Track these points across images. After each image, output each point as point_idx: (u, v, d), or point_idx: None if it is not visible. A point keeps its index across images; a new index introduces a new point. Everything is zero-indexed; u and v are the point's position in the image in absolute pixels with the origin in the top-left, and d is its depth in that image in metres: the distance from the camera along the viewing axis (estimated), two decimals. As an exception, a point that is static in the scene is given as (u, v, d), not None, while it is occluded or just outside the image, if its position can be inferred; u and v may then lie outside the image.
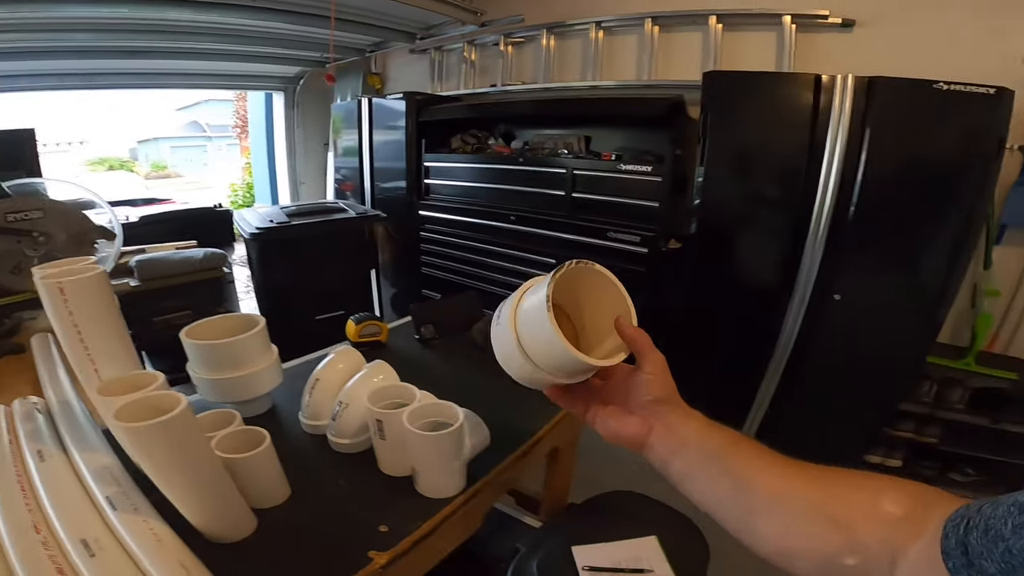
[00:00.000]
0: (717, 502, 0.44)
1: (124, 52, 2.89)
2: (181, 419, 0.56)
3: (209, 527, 0.66)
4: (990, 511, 0.31)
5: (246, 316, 0.96)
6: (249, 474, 0.71)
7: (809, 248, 1.84)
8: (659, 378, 0.48)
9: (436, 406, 0.73)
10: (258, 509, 0.72)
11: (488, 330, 1.25)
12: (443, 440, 0.67)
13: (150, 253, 2.41)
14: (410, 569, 0.69)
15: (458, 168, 2.91)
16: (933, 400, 1.99)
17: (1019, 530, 0.28)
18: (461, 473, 0.74)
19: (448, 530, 0.73)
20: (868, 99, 1.64)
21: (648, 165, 2.14)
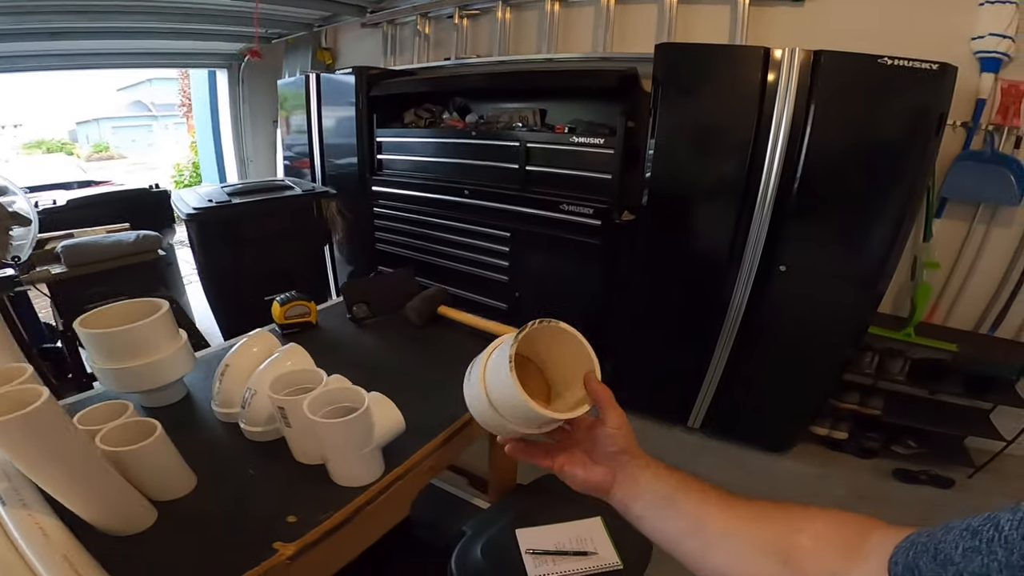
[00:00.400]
0: (674, 540, 0.47)
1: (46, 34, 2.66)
2: (42, 412, 0.53)
3: (99, 521, 0.63)
4: (940, 535, 0.31)
5: (150, 301, 0.88)
6: (141, 467, 0.66)
7: (756, 220, 1.85)
8: (622, 431, 0.51)
9: (342, 391, 0.67)
10: (162, 501, 0.68)
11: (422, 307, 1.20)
12: (347, 427, 0.62)
13: (78, 238, 2.25)
14: (324, 561, 0.64)
15: (411, 143, 2.84)
16: (875, 371, 2.05)
17: (970, 554, 0.28)
18: (375, 460, 0.69)
19: (366, 520, 0.68)
20: (814, 73, 1.64)
21: (600, 137, 2.11)
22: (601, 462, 0.52)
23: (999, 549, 0.26)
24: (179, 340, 0.89)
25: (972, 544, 0.28)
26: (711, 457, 2.19)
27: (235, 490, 0.70)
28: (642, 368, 2.34)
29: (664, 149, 1.92)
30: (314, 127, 3.16)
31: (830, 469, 2.09)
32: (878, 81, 1.57)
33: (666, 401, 2.35)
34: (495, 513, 1.11)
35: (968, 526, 0.29)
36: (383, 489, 0.69)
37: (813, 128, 1.67)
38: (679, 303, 2.14)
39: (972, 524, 0.29)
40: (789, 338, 1.96)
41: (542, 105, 2.54)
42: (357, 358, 1.06)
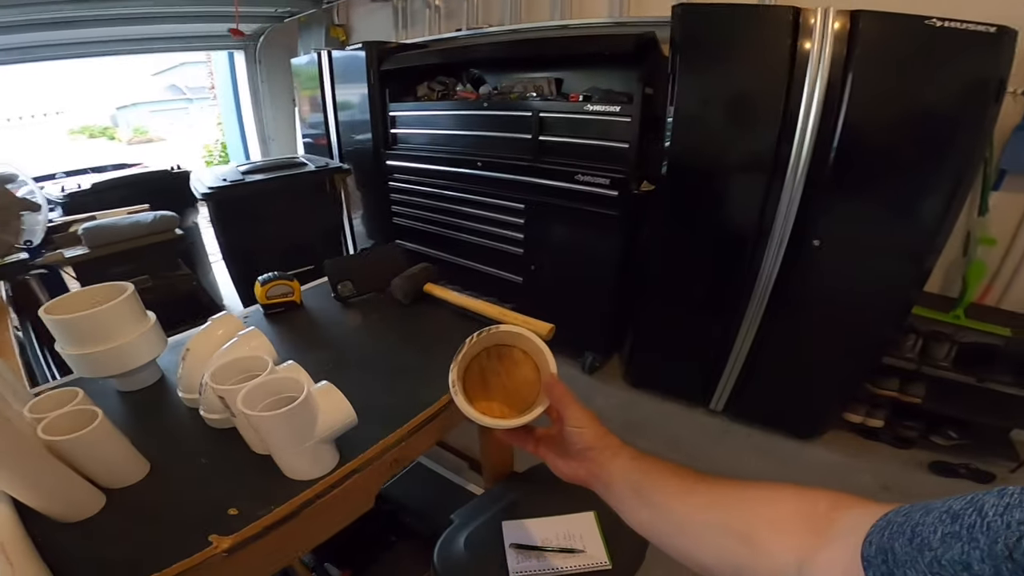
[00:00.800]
0: (647, 528, 0.48)
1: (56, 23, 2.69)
2: None
3: (41, 507, 0.61)
4: (919, 516, 0.28)
5: (116, 285, 0.85)
6: (83, 455, 0.64)
7: (787, 192, 1.70)
8: (586, 429, 0.51)
9: (284, 381, 0.62)
10: (113, 488, 0.66)
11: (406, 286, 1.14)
12: (283, 420, 0.57)
13: (99, 220, 2.31)
14: (267, 555, 0.60)
15: (423, 116, 2.78)
16: (918, 356, 1.88)
17: (949, 540, 0.25)
18: (325, 453, 0.64)
19: (317, 515, 0.63)
20: (852, 36, 1.47)
21: (616, 105, 1.98)
22: (575, 457, 0.52)
23: (981, 536, 0.24)
24: (146, 323, 0.86)
25: (952, 529, 0.26)
26: (733, 442, 2.08)
27: (184, 478, 0.67)
28: (662, 345, 2.25)
29: (684, 117, 1.77)
30: (329, 104, 3.15)
31: (861, 459, 1.96)
32: (926, 45, 1.39)
33: (687, 381, 2.24)
34: (485, 502, 1.06)
35: (949, 508, 0.27)
36: (335, 483, 0.65)
37: (851, 96, 1.50)
38: (702, 278, 2.01)
39: (953, 507, 0.27)
40: (823, 317, 1.81)
41: (558, 74, 2.42)
42: (333, 339, 1.02)
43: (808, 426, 2.07)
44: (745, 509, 0.42)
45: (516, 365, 0.55)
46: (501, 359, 0.55)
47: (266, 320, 1.10)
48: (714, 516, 0.43)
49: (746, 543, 0.40)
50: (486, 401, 0.54)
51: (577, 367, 2.56)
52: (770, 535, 0.39)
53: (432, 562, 0.91)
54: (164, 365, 0.93)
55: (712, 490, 0.45)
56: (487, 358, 0.55)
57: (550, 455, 0.54)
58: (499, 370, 0.55)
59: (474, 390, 0.54)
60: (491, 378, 0.55)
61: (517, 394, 0.54)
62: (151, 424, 0.80)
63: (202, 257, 3.17)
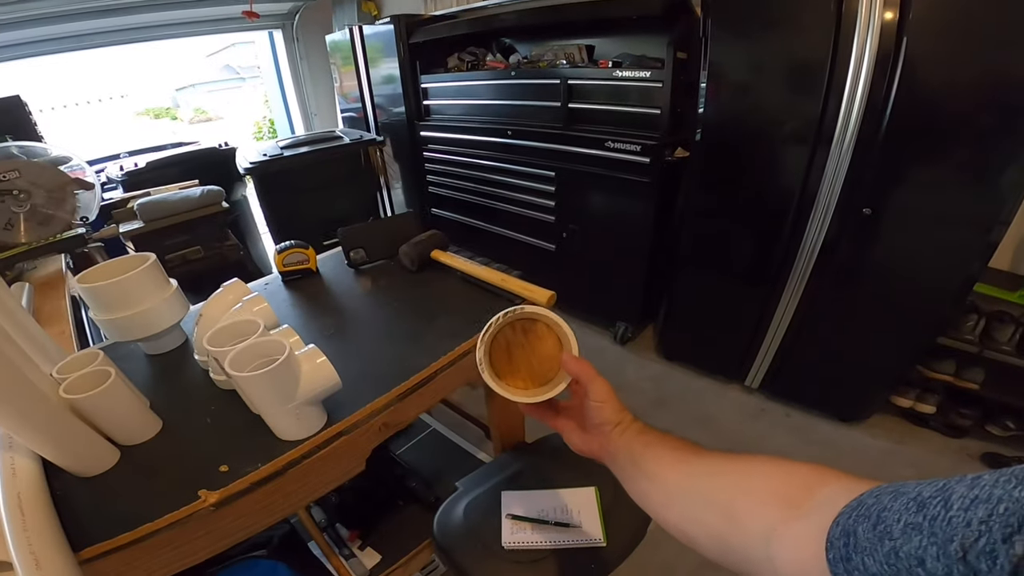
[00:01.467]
0: (643, 500, 0.48)
1: (104, 11, 2.82)
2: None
3: (61, 462, 0.66)
4: (888, 501, 0.27)
5: (142, 256, 0.91)
6: (99, 413, 0.69)
7: (833, 159, 1.57)
8: (605, 404, 0.52)
9: (269, 344, 0.65)
10: (128, 445, 0.71)
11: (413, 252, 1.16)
12: (263, 380, 0.60)
13: (153, 196, 2.46)
14: (254, 511, 0.64)
15: (453, 87, 2.78)
16: (979, 338, 1.72)
17: (910, 531, 0.24)
18: (311, 415, 0.67)
19: (304, 474, 0.66)
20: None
21: (647, 71, 1.88)
22: (590, 431, 0.54)
23: (939, 531, 0.22)
24: (168, 290, 0.92)
25: (915, 520, 0.24)
26: (768, 421, 2.01)
27: (189, 437, 0.71)
28: (696, 317, 2.18)
29: (718, 81, 1.66)
30: (363, 78, 3.21)
31: (906, 445, 1.84)
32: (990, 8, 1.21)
33: (722, 355, 2.17)
34: (491, 471, 1.08)
35: (918, 495, 0.25)
36: (321, 444, 0.67)
37: (907, 56, 1.35)
38: (739, 247, 1.92)
39: (923, 493, 0.25)
40: (872, 292, 1.68)
41: (589, 41, 2.33)
42: (340, 305, 1.05)
43: (852, 408, 1.96)
44: (729, 480, 0.41)
45: (540, 339, 0.58)
46: (526, 333, 0.58)
47: (284, 287, 1.15)
48: (701, 485, 0.43)
49: (726, 515, 0.39)
50: (511, 374, 0.58)
51: (609, 337, 2.53)
52: (747, 506, 0.38)
53: (432, 528, 0.93)
54: (189, 330, 1.00)
55: (703, 461, 0.45)
56: (512, 331, 0.58)
57: (567, 427, 0.57)
58: (523, 343, 0.58)
59: (500, 363, 0.58)
60: (516, 351, 0.58)
61: (540, 367, 0.58)
62: (170, 385, 0.86)
63: (251, 228, 3.34)
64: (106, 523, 0.58)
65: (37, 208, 1.72)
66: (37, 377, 0.69)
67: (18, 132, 2.14)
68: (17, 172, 1.66)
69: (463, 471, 1.12)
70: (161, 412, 0.75)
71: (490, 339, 0.56)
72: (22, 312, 0.87)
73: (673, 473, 0.46)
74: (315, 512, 1.27)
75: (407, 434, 1.51)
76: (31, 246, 1.71)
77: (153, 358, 0.95)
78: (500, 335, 0.58)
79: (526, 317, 0.57)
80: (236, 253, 2.55)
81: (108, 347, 0.96)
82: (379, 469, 1.30)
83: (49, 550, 0.52)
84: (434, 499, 1.21)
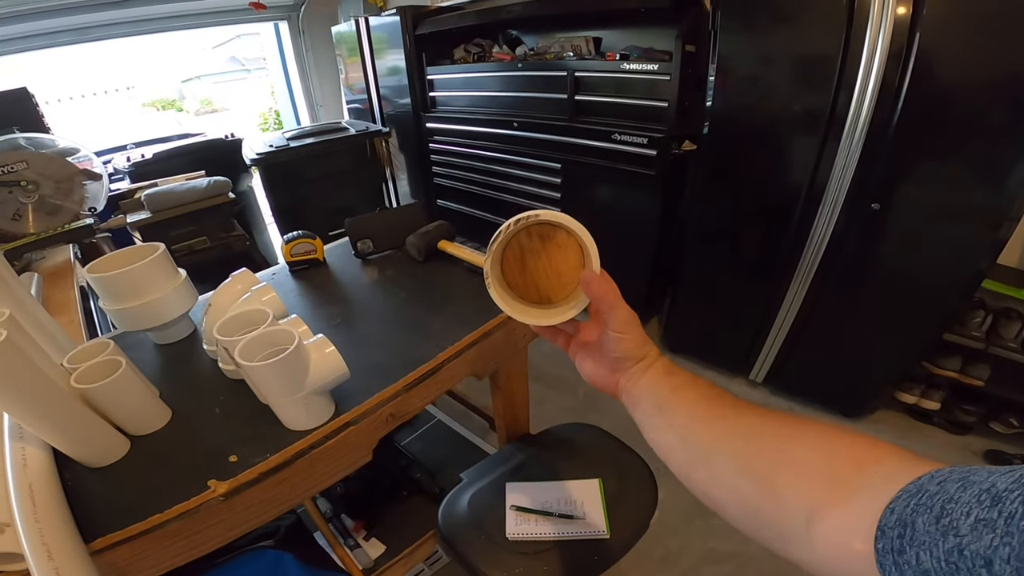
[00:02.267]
0: (666, 451, 0.44)
1: (110, 3, 2.84)
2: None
3: (72, 452, 0.67)
4: (955, 490, 0.23)
5: (151, 245, 0.91)
6: (108, 402, 0.69)
7: (843, 153, 1.55)
8: (626, 336, 0.46)
9: (279, 333, 0.65)
10: (138, 435, 0.72)
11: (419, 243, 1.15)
12: (272, 370, 0.60)
13: (160, 187, 2.47)
14: (263, 501, 0.64)
15: (459, 79, 2.78)
16: (986, 334, 1.71)
17: (980, 528, 0.21)
18: (319, 405, 0.67)
19: (312, 464, 0.67)
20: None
21: (655, 63, 1.87)
22: (607, 363, 0.48)
23: (1016, 531, 0.19)
24: (176, 280, 0.92)
25: (988, 516, 0.21)
26: (771, 418, 2.01)
27: (198, 426, 0.72)
28: (701, 310, 2.18)
29: (727, 74, 1.65)
30: (369, 69, 3.21)
31: (909, 441, 1.84)
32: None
33: (727, 349, 2.17)
34: (495, 462, 1.09)
35: (992, 487, 0.22)
36: (329, 434, 0.68)
37: (919, 50, 1.33)
38: (745, 241, 1.91)
39: (998, 486, 0.22)
40: (879, 287, 1.67)
41: (596, 33, 2.33)
42: (347, 295, 1.05)
43: (855, 403, 1.96)
44: (770, 445, 0.36)
45: (560, 248, 0.49)
46: (543, 240, 0.49)
47: (292, 276, 1.15)
48: (737, 447, 0.38)
49: (763, 485, 0.35)
50: (523, 287, 0.50)
51: (614, 329, 2.54)
52: (788, 479, 0.34)
53: (437, 518, 0.94)
54: (198, 320, 1.00)
55: (741, 417, 0.40)
56: (527, 237, 0.49)
57: (581, 354, 0.51)
58: (539, 251, 0.49)
59: (511, 273, 0.50)
60: (530, 259, 0.50)
61: (559, 279, 0.50)
62: (179, 375, 0.87)
63: (257, 219, 3.35)
64: (116, 513, 0.59)
65: (45, 199, 1.73)
66: (48, 367, 0.69)
67: (25, 124, 2.15)
68: (25, 163, 1.67)
69: (468, 462, 1.13)
70: (170, 401, 0.76)
71: (501, 247, 0.48)
72: (33, 302, 0.88)
73: (706, 429, 0.40)
74: (321, 503, 1.28)
75: (412, 425, 1.52)
76: (39, 236, 1.72)
77: (162, 347, 0.95)
78: (514, 240, 0.49)
79: (544, 222, 0.47)
80: (242, 243, 2.57)
81: (117, 336, 0.97)
82: (384, 460, 1.31)
83: (60, 541, 0.53)
84: (438, 490, 1.22)
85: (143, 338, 0.96)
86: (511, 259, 0.50)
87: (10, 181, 1.64)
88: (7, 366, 0.57)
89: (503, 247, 0.49)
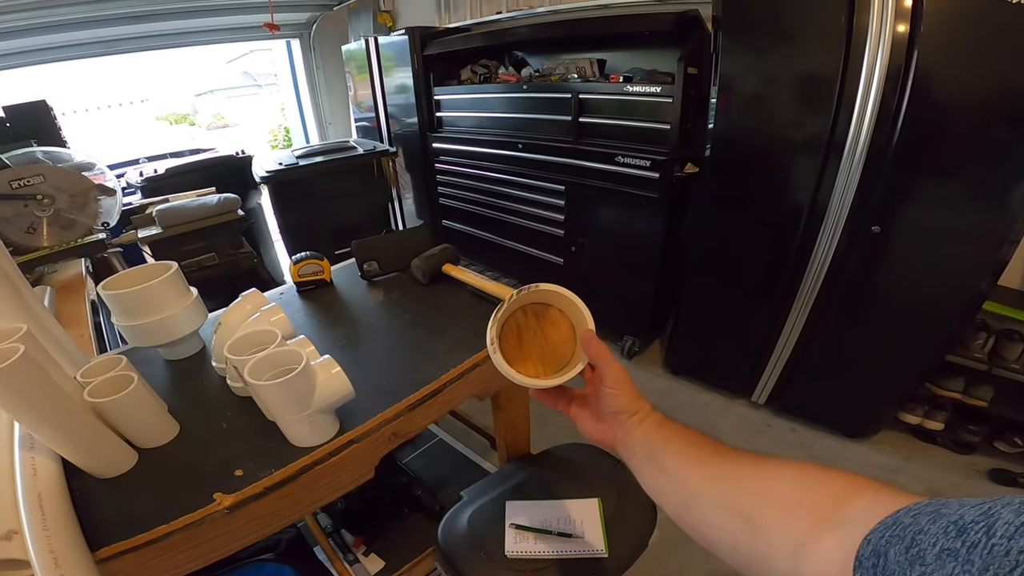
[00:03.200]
0: (662, 497, 0.47)
1: (129, 18, 2.91)
2: (15, 368, 0.57)
3: (81, 463, 0.68)
4: (926, 522, 0.25)
5: (164, 264, 0.94)
6: (119, 416, 0.71)
7: (843, 176, 1.57)
8: (620, 391, 0.51)
9: (287, 353, 0.67)
10: (146, 448, 0.74)
11: (424, 266, 1.18)
12: (280, 389, 0.62)
13: (172, 203, 2.52)
14: (267, 515, 0.66)
15: (465, 100, 2.83)
16: (988, 356, 1.71)
17: (944, 558, 0.22)
18: (324, 423, 0.69)
19: (315, 480, 0.69)
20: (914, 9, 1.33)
21: (658, 86, 1.91)
22: (605, 420, 0.52)
23: (977, 560, 0.21)
24: (188, 298, 0.95)
25: (952, 546, 0.22)
26: (773, 437, 2.01)
27: (205, 441, 0.73)
28: (704, 332, 2.18)
29: (728, 97, 1.69)
30: (377, 89, 3.27)
31: (913, 462, 1.83)
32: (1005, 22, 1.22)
33: (729, 371, 2.17)
34: (495, 481, 1.10)
35: (960, 519, 0.23)
36: (333, 451, 0.70)
37: (917, 73, 1.36)
38: (748, 263, 1.93)
39: (965, 517, 0.23)
40: (881, 309, 1.68)
41: (600, 55, 2.37)
42: (353, 316, 1.08)
43: (858, 425, 1.96)
44: (754, 486, 0.39)
45: (553, 324, 0.55)
46: (538, 317, 0.56)
47: (299, 297, 1.18)
48: (723, 489, 0.41)
49: (749, 523, 0.37)
50: (521, 360, 0.54)
51: (616, 351, 2.54)
52: (773, 516, 0.36)
53: (436, 536, 0.95)
54: (207, 337, 1.03)
55: (727, 462, 0.43)
56: (523, 316, 0.55)
57: (581, 415, 0.55)
58: (535, 328, 0.55)
59: (510, 349, 0.54)
60: (527, 336, 0.55)
61: (553, 354, 0.55)
62: (188, 390, 0.89)
63: (265, 236, 3.39)
64: (123, 523, 0.60)
65: (60, 213, 1.77)
66: (62, 380, 0.72)
67: (43, 136, 2.18)
68: (42, 177, 1.70)
69: (469, 481, 1.13)
70: (179, 416, 0.78)
71: (501, 322, 0.53)
72: (47, 316, 0.90)
73: (694, 473, 0.43)
74: (321, 518, 1.29)
75: (414, 443, 1.53)
76: (53, 250, 1.75)
77: (172, 363, 0.97)
78: (511, 320, 0.54)
79: (538, 301, 0.55)
80: (250, 260, 2.59)
81: (128, 351, 0.99)
82: (385, 477, 1.32)
83: (67, 549, 0.54)
84: (439, 507, 1.23)
85: (153, 354, 0.98)
86: (509, 336, 0.54)
87: (27, 194, 1.67)
88: (24, 380, 0.59)
89: (503, 322, 0.53)
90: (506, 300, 0.52)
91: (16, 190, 1.65)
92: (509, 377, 0.51)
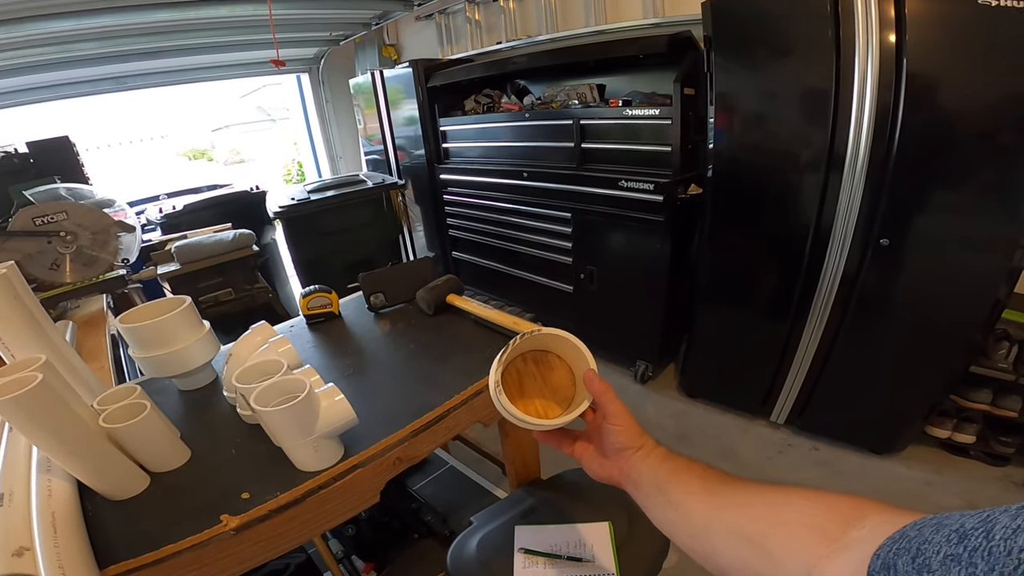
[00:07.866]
0: (670, 529, 0.47)
1: (142, 54, 3.03)
2: (33, 395, 0.60)
3: (96, 485, 0.71)
4: (929, 533, 0.26)
5: (178, 299, 0.97)
6: (133, 441, 0.73)
7: (846, 190, 1.57)
8: (623, 428, 0.52)
9: (292, 382, 0.69)
10: (158, 472, 0.76)
11: (429, 297, 1.20)
12: (284, 415, 0.64)
13: (189, 239, 2.59)
14: (272, 537, 0.67)
15: (469, 130, 2.89)
16: (1012, 365, 1.67)
17: (949, 563, 0.23)
18: (328, 448, 0.70)
19: (320, 503, 0.69)
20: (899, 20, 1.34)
21: (656, 108, 1.94)
22: (610, 456, 0.53)
23: (980, 562, 0.22)
24: (201, 331, 0.98)
25: (955, 551, 0.23)
26: (794, 456, 1.95)
27: (215, 466, 0.75)
28: (717, 353, 2.15)
29: (725, 115, 1.71)
30: (385, 121, 3.35)
31: (946, 475, 1.76)
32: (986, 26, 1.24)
33: (745, 391, 2.13)
34: (505, 506, 1.09)
35: (960, 527, 0.25)
36: (337, 476, 0.70)
37: (908, 83, 1.37)
38: (757, 282, 1.91)
39: (965, 525, 0.24)
40: (897, 321, 1.65)
41: (600, 80, 2.42)
42: (360, 346, 1.09)
43: (884, 440, 1.89)
44: (761, 512, 0.40)
45: (552, 370, 0.58)
46: (538, 364, 0.58)
47: (308, 329, 1.20)
48: (731, 517, 0.42)
49: (760, 549, 0.38)
50: (523, 403, 0.56)
51: (629, 376, 2.51)
52: (782, 540, 0.37)
53: (446, 561, 0.94)
54: (219, 368, 1.05)
55: (733, 492, 0.44)
56: (523, 363, 0.57)
57: (585, 454, 0.56)
58: (535, 374, 0.58)
59: (511, 393, 0.56)
60: (527, 382, 0.57)
61: (553, 398, 0.57)
62: (200, 418, 0.91)
63: (280, 271, 3.45)
64: (132, 543, 0.62)
65: (82, 249, 1.83)
66: (79, 407, 0.74)
67: (66, 172, 2.21)
68: (65, 214, 1.76)
69: (479, 507, 1.12)
70: (190, 442, 0.80)
71: (503, 367, 0.54)
72: (67, 347, 0.94)
73: (702, 504, 0.44)
74: (332, 544, 1.28)
75: (424, 470, 1.53)
76: (75, 286, 1.80)
77: (185, 393, 1.00)
78: (511, 366, 0.56)
79: (537, 348, 0.57)
80: (265, 295, 2.63)
81: (145, 382, 1.02)
82: (395, 503, 1.32)
83: (76, 566, 0.55)
84: (448, 533, 1.21)
85: (168, 384, 1.01)
86: (510, 382, 0.56)
87: (51, 231, 1.73)
88: (41, 406, 0.62)
89: (504, 368, 0.55)
90: (508, 346, 0.54)
91: (40, 227, 1.71)
92: (514, 420, 0.53)
